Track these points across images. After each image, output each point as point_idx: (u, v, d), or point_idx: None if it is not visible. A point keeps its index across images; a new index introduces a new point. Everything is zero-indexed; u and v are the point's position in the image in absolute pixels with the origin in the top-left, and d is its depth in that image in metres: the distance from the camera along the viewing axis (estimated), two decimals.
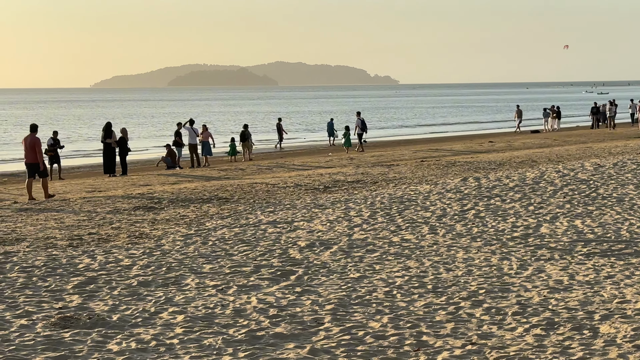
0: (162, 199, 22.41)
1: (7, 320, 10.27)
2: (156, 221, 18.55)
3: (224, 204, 21.39)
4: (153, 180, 31.08)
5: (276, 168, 35.62)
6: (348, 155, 41.94)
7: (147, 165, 44.78)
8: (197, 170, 36.73)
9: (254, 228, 17.28)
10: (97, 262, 13.76)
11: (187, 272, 12.99)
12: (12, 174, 43.87)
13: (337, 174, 28.69)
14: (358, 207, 20.08)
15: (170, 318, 10.33)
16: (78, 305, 10.97)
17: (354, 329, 9.82)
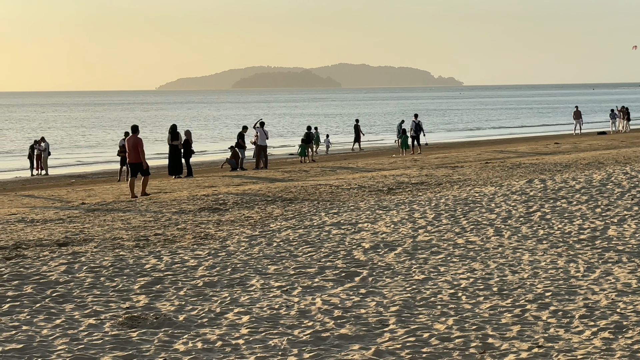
0: (227, 201, 22.55)
1: (76, 319, 10.42)
2: (221, 222, 18.67)
3: (288, 205, 21.47)
4: (218, 181, 31.29)
5: (340, 170, 35.64)
6: (412, 157, 41.81)
7: (211, 166, 45.12)
8: (262, 172, 36.89)
9: (318, 229, 17.31)
10: (163, 263, 13.90)
11: (252, 273, 13.06)
12: (79, 175, 44.50)
13: (401, 176, 28.61)
14: (422, 208, 20.00)
15: (236, 318, 10.39)
16: (145, 305, 11.09)
17: (418, 331, 9.79)
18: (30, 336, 9.64)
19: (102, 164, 54.16)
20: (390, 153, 48.09)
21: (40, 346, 9.24)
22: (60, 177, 42.89)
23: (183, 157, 35.64)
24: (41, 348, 9.17)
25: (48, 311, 10.81)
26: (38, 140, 47.34)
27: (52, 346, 9.25)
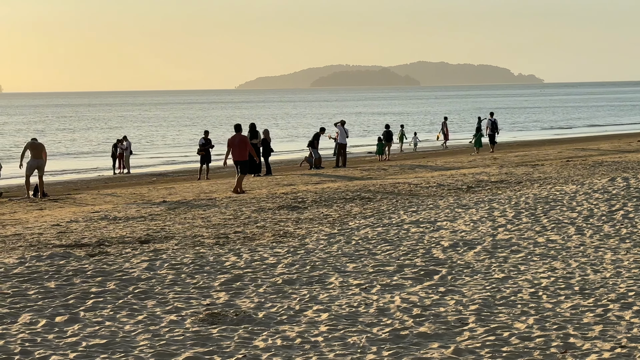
0: (305, 199, 22.63)
1: (158, 315, 10.56)
2: (300, 220, 18.75)
3: (367, 203, 21.46)
4: (296, 180, 31.42)
5: (418, 168, 35.52)
6: (491, 155, 41.47)
7: (290, 165, 45.33)
8: (340, 170, 36.93)
9: (397, 228, 17.28)
10: (243, 260, 14.00)
11: (330, 271, 13.09)
12: (160, 173, 45.06)
13: (481, 174, 28.41)
14: (502, 207, 19.84)
15: (315, 316, 10.43)
16: (225, 302, 11.19)
17: (498, 330, 9.71)
18: (113, 332, 9.79)
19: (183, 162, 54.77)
20: (470, 151, 47.76)
21: (123, 341, 9.38)
22: (141, 176, 43.49)
23: (262, 155, 35.87)
24: (124, 343, 9.31)
25: (130, 307, 10.97)
26: (120, 139, 48.07)
27: (134, 342, 9.39)
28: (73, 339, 9.50)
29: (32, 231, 18.25)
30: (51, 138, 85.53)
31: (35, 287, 12.09)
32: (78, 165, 55.05)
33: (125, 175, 45.26)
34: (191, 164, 50.52)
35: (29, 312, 10.69)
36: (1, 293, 11.75)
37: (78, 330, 9.85)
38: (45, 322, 10.23)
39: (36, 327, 10.04)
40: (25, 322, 10.27)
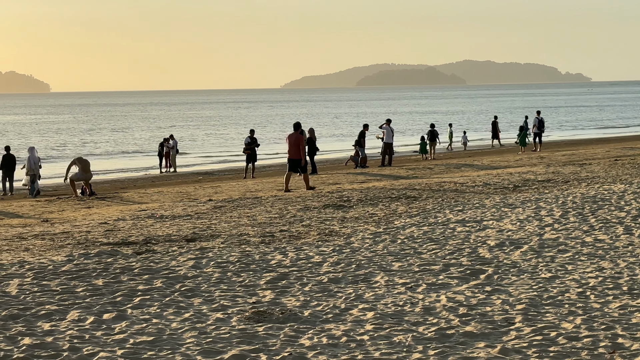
0: (351, 198, 22.63)
1: (204, 313, 10.62)
2: (345, 219, 18.76)
3: (413, 202, 21.41)
4: (342, 178, 31.43)
5: (464, 167, 35.36)
6: (538, 155, 41.18)
7: (335, 164, 45.35)
8: (386, 169, 36.88)
9: (443, 227, 17.22)
10: (288, 259, 14.03)
11: (376, 270, 13.08)
12: (206, 172, 45.28)
13: (527, 173, 28.23)
14: (549, 206, 19.69)
15: (360, 314, 10.43)
16: (271, 300, 11.22)
17: (545, 330, 9.64)
18: (160, 329, 9.86)
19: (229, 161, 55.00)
20: (516, 150, 47.46)
21: (170, 339, 9.45)
22: (187, 175, 43.73)
23: (307, 154, 35.92)
24: (171, 341, 9.38)
25: (177, 305, 11.04)
26: (167, 138, 48.37)
27: (181, 339, 9.45)
28: (120, 336, 9.59)
29: (80, 229, 18.44)
30: (98, 137, 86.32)
31: (83, 285, 12.21)
32: (125, 164, 55.53)
33: (171, 173, 45.53)
34: (237, 162, 50.73)
35: (77, 309, 10.80)
36: (50, 290, 11.89)
37: (125, 328, 9.94)
38: (93, 319, 10.32)
39: (84, 324, 10.14)
40: (74, 319, 10.37)
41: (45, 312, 10.66)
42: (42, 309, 10.80)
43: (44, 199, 28.86)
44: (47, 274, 12.94)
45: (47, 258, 14.42)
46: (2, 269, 13.39)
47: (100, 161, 56.15)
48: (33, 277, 12.72)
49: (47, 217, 22.16)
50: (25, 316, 10.49)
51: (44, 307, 10.93)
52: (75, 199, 27.41)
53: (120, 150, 68.90)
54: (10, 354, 8.86)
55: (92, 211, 23.14)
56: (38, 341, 9.34)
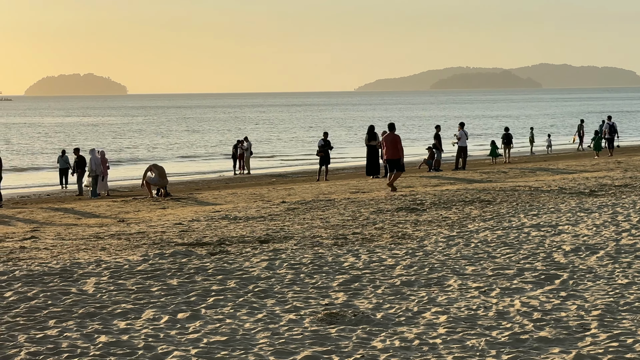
0: (424, 201, 22.55)
1: (277, 314, 10.67)
2: (418, 222, 18.69)
3: (486, 206, 21.25)
4: (415, 182, 31.31)
5: (539, 171, 34.99)
6: (615, 159, 40.58)
7: (408, 167, 45.20)
8: (460, 172, 36.67)
9: (517, 231, 17.06)
10: (361, 261, 14.03)
11: (449, 273, 13.01)
12: (280, 174, 45.49)
13: (604, 178, 27.83)
14: (626, 211, 19.39)
15: (433, 318, 10.38)
16: (343, 303, 11.23)
17: (622, 336, 9.49)
18: (234, 329, 9.93)
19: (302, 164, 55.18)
20: (592, 155, 46.83)
21: (243, 339, 9.51)
22: (261, 176, 44.00)
23: (381, 157, 35.89)
24: (244, 341, 9.44)
25: (250, 305, 11.11)
26: (241, 140, 48.71)
27: (254, 339, 9.51)
28: (194, 335, 9.68)
29: (156, 229, 18.65)
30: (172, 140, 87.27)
31: (158, 284, 12.36)
32: (199, 166, 56.06)
33: (245, 175, 45.86)
34: (310, 165, 50.87)
35: (152, 308, 10.94)
36: (126, 289, 12.05)
37: (199, 327, 10.03)
38: (167, 318, 10.44)
39: (159, 323, 10.26)
40: (149, 317, 10.51)
41: (121, 311, 10.81)
42: (118, 308, 10.96)
43: (120, 199, 29.28)
44: (123, 273, 13.13)
45: (123, 257, 14.62)
46: (79, 267, 13.62)
47: (174, 164, 56.78)
48: (109, 276, 12.91)
49: (123, 217, 22.47)
50: (101, 314, 10.66)
51: (120, 305, 11.09)
52: (150, 200, 27.75)
53: (194, 153, 69.56)
54: (86, 351, 9.01)
55: (167, 212, 23.40)
56: (114, 339, 9.48)
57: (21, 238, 18.04)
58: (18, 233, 19.15)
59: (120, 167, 54.76)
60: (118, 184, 41.27)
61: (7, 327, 10.03)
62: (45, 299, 11.47)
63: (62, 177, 40.91)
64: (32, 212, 25.69)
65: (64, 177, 40.78)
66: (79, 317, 10.54)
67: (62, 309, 10.94)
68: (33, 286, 12.25)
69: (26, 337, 9.60)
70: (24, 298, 11.52)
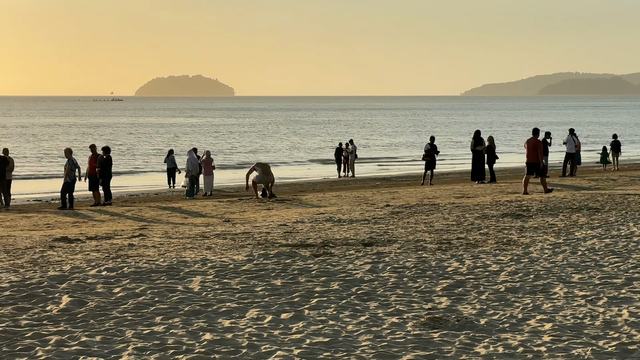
0: (530, 207, 22.26)
1: (380, 317, 10.66)
2: (524, 229, 18.46)
3: (594, 214, 20.87)
4: (520, 188, 30.94)
5: None
6: None
7: (514, 173, 44.68)
8: (567, 179, 36.09)
9: (626, 240, 16.70)
10: (465, 267, 13.92)
11: (555, 281, 12.81)
12: (384, 178, 45.43)
13: None
14: None
15: (538, 325, 10.23)
16: (447, 307, 11.16)
17: None
18: (336, 331, 9.96)
19: (406, 168, 55.04)
20: None
21: (346, 341, 9.53)
22: (365, 180, 44.02)
23: (486, 162, 35.58)
24: (346, 343, 9.46)
25: (353, 308, 11.13)
26: (346, 143, 48.83)
27: (356, 342, 9.52)
28: (297, 335, 9.74)
29: (260, 230, 18.84)
30: (275, 142, 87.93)
31: (262, 284, 12.48)
32: (303, 168, 56.40)
33: (349, 178, 45.94)
34: (414, 169, 50.71)
35: (256, 308, 11.04)
36: (230, 288, 12.20)
37: (302, 328, 10.09)
38: (271, 318, 10.53)
39: (263, 322, 10.36)
40: (253, 317, 10.61)
41: (225, 309, 10.95)
42: (222, 306, 11.10)
43: (226, 200, 29.65)
44: (228, 273, 13.29)
45: (228, 257, 14.81)
46: (185, 265, 13.84)
47: (278, 168, 57.23)
48: (215, 275, 13.09)
49: (229, 217, 22.75)
50: (206, 312, 10.81)
51: (225, 304, 11.23)
52: (255, 201, 28.02)
53: (298, 155, 69.99)
54: (192, 348, 9.15)
55: (272, 213, 23.61)
56: (218, 337, 9.60)
57: (130, 236, 18.43)
58: (127, 231, 19.57)
59: (227, 169, 55.45)
60: (224, 185, 41.80)
61: (116, 323, 10.25)
62: (152, 295, 11.69)
63: (170, 176, 41.64)
64: (140, 210, 26.21)
65: (172, 176, 41.51)
66: (185, 314, 10.72)
67: (169, 306, 11.14)
68: (141, 283, 12.50)
69: (133, 332, 9.80)
70: (132, 294, 11.76)
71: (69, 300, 11.30)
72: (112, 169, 31.31)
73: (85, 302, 11.23)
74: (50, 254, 15.61)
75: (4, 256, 15.45)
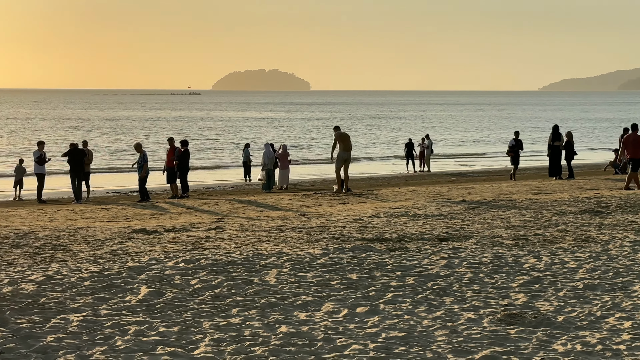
0: (609, 204, 21.93)
1: (455, 312, 10.61)
2: (603, 226, 18.19)
3: None
4: (600, 184, 30.52)
5: None
6: None
7: (593, 169, 44.11)
8: None
9: None
10: (542, 263, 13.77)
11: (635, 279, 12.60)
12: (460, 173, 45.17)
13: None
14: None
15: (617, 323, 10.08)
16: (523, 304, 11.05)
17: None
18: (412, 325, 9.94)
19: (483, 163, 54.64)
20: None
21: (421, 336, 9.50)
22: (441, 175, 43.82)
23: (564, 158, 35.13)
24: (422, 337, 9.43)
25: (429, 303, 11.09)
26: (423, 137, 48.66)
27: (432, 337, 9.48)
28: (373, 329, 9.74)
29: (336, 224, 18.87)
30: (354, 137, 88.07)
31: (337, 278, 12.50)
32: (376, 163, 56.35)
33: (425, 173, 45.78)
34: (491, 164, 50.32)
35: (332, 302, 11.07)
36: (306, 281, 12.25)
37: (378, 322, 10.09)
38: (346, 311, 10.55)
39: (338, 316, 10.38)
40: (328, 310, 10.64)
41: (301, 302, 11.00)
42: (298, 299, 11.15)
43: (302, 193, 29.75)
44: (303, 266, 13.35)
45: (304, 250, 14.86)
46: (261, 258, 13.93)
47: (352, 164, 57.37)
48: (290, 268, 13.15)
49: (305, 211, 22.83)
50: (282, 305, 10.87)
51: (300, 297, 11.28)
52: (332, 195, 28.04)
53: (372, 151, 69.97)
54: (268, 340, 9.21)
55: (347, 207, 23.63)
56: (294, 330, 9.65)
57: (206, 228, 18.62)
58: (203, 223, 19.76)
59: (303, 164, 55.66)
60: (299, 179, 41.95)
61: (193, 314, 10.37)
62: (229, 287, 11.80)
63: (246, 170, 41.97)
64: (216, 203, 26.45)
65: (247, 170, 41.83)
66: (261, 306, 10.79)
67: (245, 298, 11.22)
68: (217, 275, 12.62)
69: (210, 324, 9.90)
70: (209, 286, 11.88)
71: (147, 291, 11.47)
72: (189, 162, 31.65)
73: (163, 293, 11.38)
74: (129, 245, 15.85)
75: (84, 247, 15.73)
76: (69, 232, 18.01)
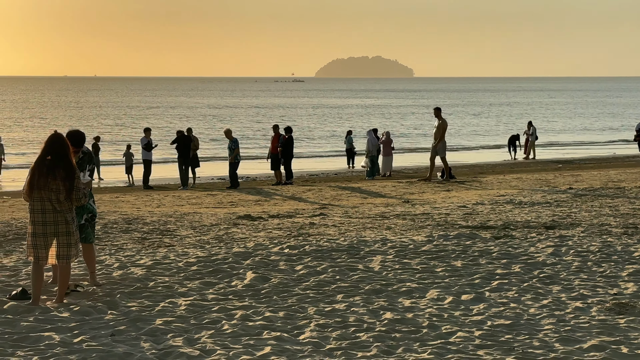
0: None
1: (563, 301, 10.45)
2: None
3: None
4: None
5: None
6: None
7: None
8: None
9: None
10: None
11: None
12: (566, 160, 44.45)
13: None
14: None
15: None
16: (633, 293, 10.83)
17: None
18: (518, 314, 9.82)
19: (589, 151, 53.67)
20: None
21: (528, 324, 9.39)
22: (547, 162, 43.17)
23: None
24: (528, 326, 9.32)
25: (535, 291, 10.94)
26: (527, 124, 48.02)
27: (538, 325, 9.36)
28: (478, 317, 9.66)
29: (440, 211, 18.77)
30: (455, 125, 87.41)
31: (442, 265, 12.44)
32: (484, 152, 55.82)
33: (530, 160, 45.17)
34: (597, 152, 49.37)
35: (437, 289, 11.02)
36: (411, 268, 12.22)
37: (483, 310, 10.00)
38: (451, 299, 10.48)
39: (443, 303, 10.32)
40: (433, 297, 10.60)
41: (405, 289, 10.97)
42: (402, 286, 11.13)
43: (405, 180, 29.68)
44: (407, 253, 13.32)
45: (408, 237, 14.83)
46: (365, 245, 13.95)
47: (456, 153, 56.93)
48: (395, 255, 13.14)
49: (408, 198, 22.75)
50: (387, 292, 10.86)
51: (405, 284, 11.26)
52: (434, 182, 27.90)
53: (476, 139, 69.35)
54: (372, 327, 9.22)
55: (451, 194, 23.47)
56: (399, 316, 9.64)
57: (311, 215, 18.72)
58: (308, 210, 19.88)
59: (406, 152, 55.49)
60: (403, 165, 41.84)
61: (298, 299, 10.44)
62: (334, 274, 11.84)
63: (349, 157, 42.04)
64: (320, 190, 26.55)
65: (351, 157, 41.91)
66: (365, 293, 10.80)
67: (349, 284, 11.25)
68: (322, 261, 12.68)
69: (315, 309, 9.96)
70: (314, 272, 11.95)
71: (253, 276, 11.59)
72: (293, 148, 31.84)
73: (269, 279, 11.49)
74: (234, 231, 16.03)
75: (191, 232, 15.98)
76: (175, 218, 18.32)
